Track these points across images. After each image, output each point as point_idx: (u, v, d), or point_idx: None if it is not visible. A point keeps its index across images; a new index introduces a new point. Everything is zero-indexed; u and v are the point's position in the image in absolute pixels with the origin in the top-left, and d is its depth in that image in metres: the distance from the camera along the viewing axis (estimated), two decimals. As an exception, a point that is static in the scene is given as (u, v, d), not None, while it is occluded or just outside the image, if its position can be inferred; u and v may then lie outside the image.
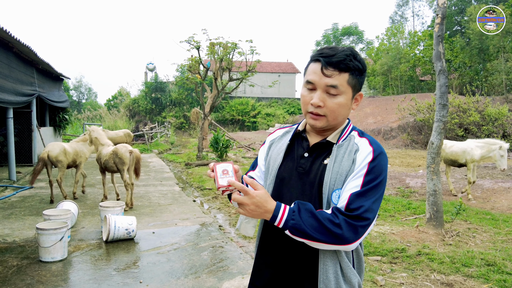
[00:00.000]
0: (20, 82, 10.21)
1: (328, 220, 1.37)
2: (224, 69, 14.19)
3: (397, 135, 20.64)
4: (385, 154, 1.52)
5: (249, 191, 1.39)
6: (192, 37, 12.96)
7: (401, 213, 6.98)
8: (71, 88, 51.04)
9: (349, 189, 1.44)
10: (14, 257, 4.66)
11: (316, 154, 1.59)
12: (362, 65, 1.52)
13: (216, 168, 1.49)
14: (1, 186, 8.63)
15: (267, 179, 1.68)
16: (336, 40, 39.04)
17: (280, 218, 1.40)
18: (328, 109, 1.50)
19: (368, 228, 1.42)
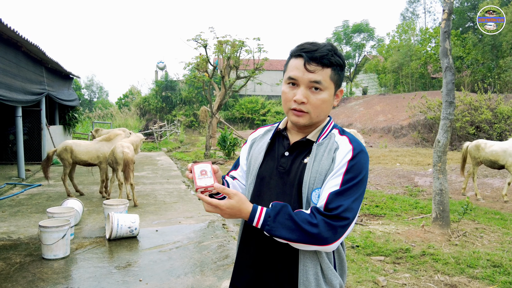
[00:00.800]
0: (29, 81, 10.31)
1: (305, 221, 1.34)
2: (231, 68, 14.17)
3: (408, 133, 20.40)
4: (366, 152, 1.48)
5: (219, 206, 1.38)
6: (199, 35, 12.97)
7: (407, 212, 6.88)
8: (82, 87, 51.51)
9: (328, 188, 1.40)
10: (18, 254, 4.70)
11: (297, 153, 1.56)
12: (342, 60, 1.49)
13: (194, 168, 1.46)
14: (10, 184, 8.74)
15: (248, 179, 1.65)
16: (346, 38, 38.68)
17: (256, 222, 1.40)
18: (312, 106, 1.47)
19: (348, 228, 1.38)
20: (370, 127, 22.61)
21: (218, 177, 1.56)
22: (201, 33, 13.15)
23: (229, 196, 1.39)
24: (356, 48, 38.88)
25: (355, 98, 32.01)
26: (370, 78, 36.64)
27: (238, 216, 1.41)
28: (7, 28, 8.03)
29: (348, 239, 5.27)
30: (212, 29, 13.56)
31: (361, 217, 6.60)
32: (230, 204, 1.38)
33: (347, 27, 38.44)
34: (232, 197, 1.39)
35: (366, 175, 1.46)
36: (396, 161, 13.42)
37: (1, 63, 8.33)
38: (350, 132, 10.39)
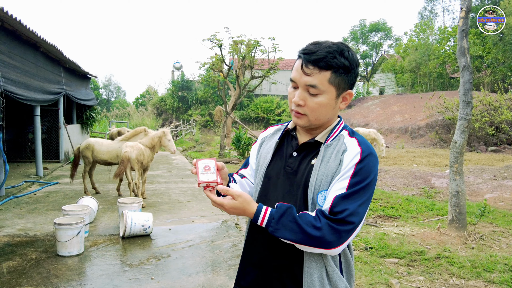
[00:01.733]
0: (47, 81, 10.50)
1: (309, 223, 1.32)
2: (246, 67, 14.16)
3: (425, 133, 20.09)
4: (375, 155, 1.44)
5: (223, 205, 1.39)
6: (214, 35, 13.01)
7: (423, 214, 6.77)
8: (100, 87, 52.26)
9: (334, 191, 1.37)
10: (34, 250, 4.78)
11: (305, 154, 1.53)
12: (350, 62, 1.42)
13: (198, 164, 1.45)
14: (28, 182, 8.91)
15: (256, 178, 1.64)
16: (363, 37, 38.29)
17: (260, 223, 1.39)
18: (309, 108, 1.44)
19: (353, 232, 1.35)
20: (387, 127, 22.33)
21: (224, 174, 1.56)
22: (216, 33, 13.18)
23: (233, 197, 1.39)
24: (373, 47, 38.47)
25: (372, 98, 31.67)
26: (387, 77, 36.21)
27: (242, 215, 1.42)
28: (26, 29, 8.19)
29: (361, 240, 5.21)
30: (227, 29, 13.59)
31: (376, 218, 6.51)
32: (234, 204, 1.39)
33: (364, 26, 38.05)
34: (236, 198, 1.39)
35: (375, 179, 1.42)
36: (413, 162, 13.22)
37: (20, 63, 8.50)
38: (369, 131, 10.27)
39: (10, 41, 8.06)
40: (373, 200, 7.69)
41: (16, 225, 5.81)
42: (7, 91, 7.37)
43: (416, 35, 31.98)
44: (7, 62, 7.70)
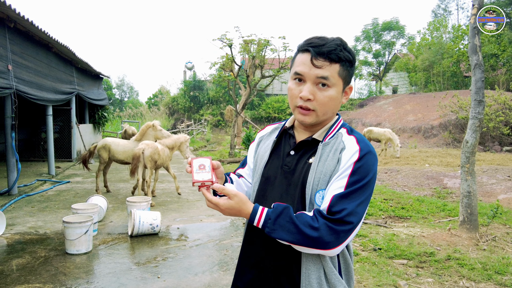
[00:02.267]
0: (59, 81, 10.63)
1: (307, 224, 1.29)
2: (256, 67, 14.14)
3: (438, 133, 19.81)
4: (374, 154, 1.41)
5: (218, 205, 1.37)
6: (224, 35, 13.01)
7: (434, 214, 6.66)
8: (113, 87, 52.79)
9: (332, 191, 1.34)
10: (43, 248, 4.83)
11: (302, 152, 1.51)
12: (352, 56, 1.42)
13: (193, 162, 1.43)
14: (40, 180, 9.03)
15: (254, 177, 1.62)
16: (376, 36, 37.90)
17: (256, 224, 1.37)
18: (318, 103, 1.41)
19: (351, 232, 1.32)
20: (400, 126, 22.09)
21: (220, 173, 1.54)
22: (227, 33, 13.21)
23: (229, 197, 1.36)
24: (386, 46, 38.06)
25: (385, 97, 31.37)
26: (401, 76, 35.83)
27: (238, 216, 1.39)
28: (38, 30, 8.30)
29: (370, 241, 5.15)
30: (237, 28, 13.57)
31: (386, 219, 6.44)
32: (230, 204, 1.36)
33: (376, 24, 37.66)
34: (232, 197, 1.36)
35: (374, 178, 1.39)
36: (425, 162, 13.05)
37: (33, 64, 8.61)
38: (384, 131, 10.15)
39: (23, 42, 8.18)
40: (383, 200, 7.60)
41: (27, 223, 5.89)
42: (19, 91, 7.48)
43: (429, 34, 31.59)
44: (19, 63, 7.80)
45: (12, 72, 7.27)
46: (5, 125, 7.48)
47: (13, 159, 7.46)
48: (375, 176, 1.40)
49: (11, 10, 6.89)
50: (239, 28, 14.34)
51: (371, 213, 6.66)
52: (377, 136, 14.66)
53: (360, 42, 39.17)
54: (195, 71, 37.49)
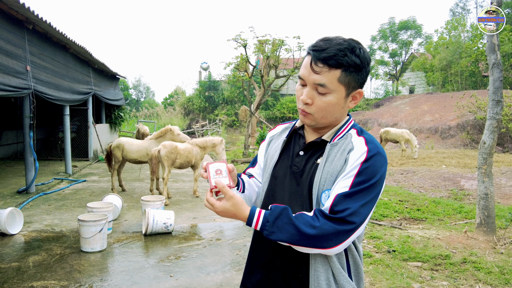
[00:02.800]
0: (77, 81, 10.80)
1: (307, 223, 1.29)
2: (271, 67, 14.12)
3: (456, 134, 19.46)
4: (383, 155, 1.38)
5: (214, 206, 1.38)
6: (239, 35, 13.03)
7: (450, 217, 6.55)
8: (130, 87, 53.36)
9: (336, 190, 1.33)
10: (59, 245, 4.91)
11: (311, 153, 1.50)
12: (361, 60, 1.36)
13: (209, 168, 1.43)
14: (57, 179, 9.19)
15: (264, 177, 1.61)
16: (392, 35, 37.46)
17: (255, 226, 1.37)
18: (316, 107, 1.40)
19: (353, 233, 1.30)
20: (416, 127, 21.77)
21: (234, 176, 1.54)
22: (241, 33, 13.20)
23: (226, 198, 1.36)
24: (403, 45, 37.57)
25: (401, 97, 30.97)
26: (418, 76, 35.33)
27: (234, 218, 1.39)
28: (56, 31, 8.45)
29: (384, 243, 5.09)
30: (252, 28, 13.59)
31: (401, 220, 6.36)
32: (224, 207, 1.36)
33: (393, 24, 37.23)
34: (228, 199, 1.36)
35: (381, 180, 1.36)
36: (442, 163, 12.84)
37: (50, 64, 8.77)
38: (402, 132, 10.03)
39: (41, 43, 8.34)
40: (398, 202, 7.51)
41: (44, 221, 6.00)
42: (37, 91, 7.63)
43: (447, 33, 31.08)
44: (37, 63, 7.96)
45: (30, 72, 7.42)
46: (23, 125, 7.63)
47: (31, 158, 7.61)
48: (383, 178, 1.38)
49: (29, 12, 7.03)
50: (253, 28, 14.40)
51: (386, 215, 6.59)
52: (394, 137, 14.45)
53: (376, 42, 38.77)
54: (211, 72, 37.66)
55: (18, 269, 4.16)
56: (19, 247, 4.86)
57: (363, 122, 26.81)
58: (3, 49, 6.51)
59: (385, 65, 38.73)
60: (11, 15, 6.95)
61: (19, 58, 7.11)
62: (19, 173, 9.67)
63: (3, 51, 6.51)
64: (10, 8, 6.77)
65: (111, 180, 8.20)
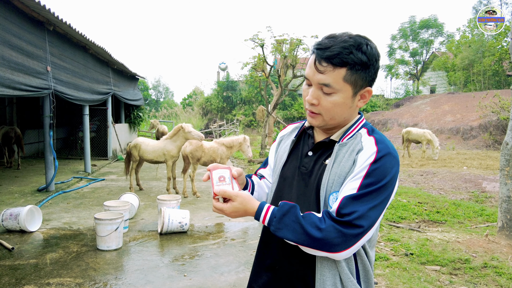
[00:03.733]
0: (96, 81, 10.97)
1: (313, 224, 1.24)
2: (288, 66, 14.06)
3: (478, 134, 19.00)
4: (394, 156, 1.32)
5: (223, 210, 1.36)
6: (256, 35, 13.02)
7: (471, 219, 6.38)
8: (150, 88, 53.98)
9: (344, 192, 1.28)
10: (76, 243, 4.98)
11: (320, 154, 1.45)
12: (368, 57, 1.29)
13: (213, 174, 1.40)
14: (76, 178, 9.35)
15: (273, 178, 1.59)
16: (413, 34, 36.87)
17: (262, 221, 1.34)
18: (322, 108, 1.35)
19: (361, 237, 1.24)
20: (437, 127, 21.37)
21: (241, 180, 1.51)
22: (258, 33, 13.18)
23: (232, 199, 1.34)
24: (424, 44, 36.93)
25: (422, 96, 30.45)
26: (439, 76, 34.67)
27: (245, 215, 1.36)
28: (76, 32, 8.59)
29: (402, 246, 4.98)
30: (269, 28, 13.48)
31: (419, 223, 6.22)
32: (233, 206, 1.34)
33: (413, 22, 36.62)
34: (234, 199, 1.34)
35: (392, 182, 1.30)
36: (463, 164, 12.54)
37: (70, 65, 8.92)
38: (424, 132, 9.83)
39: (61, 44, 8.49)
40: (417, 203, 7.35)
41: (62, 218, 6.10)
42: (57, 91, 7.77)
43: (469, 31, 30.38)
44: (58, 64, 8.10)
45: (50, 73, 7.56)
46: (43, 124, 7.78)
47: (50, 157, 7.76)
48: (395, 180, 1.31)
49: (50, 14, 7.16)
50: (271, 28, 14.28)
51: (404, 217, 6.46)
52: (416, 137, 14.20)
53: (396, 41, 38.24)
54: (229, 72, 37.79)
55: (35, 265, 4.23)
56: (37, 244, 4.95)
57: (382, 122, 26.46)
58: (24, 50, 6.65)
59: (405, 64, 38.15)
60: (33, 17, 7.10)
61: (40, 59, 7.25)
62: (40, 172, 9.87)
63: (24, 52, 6.65)
64: (31, 10, 6.91)
65: (129, 179, 8.30)
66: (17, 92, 6.29)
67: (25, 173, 9.85)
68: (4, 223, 5.33)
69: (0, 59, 5.87)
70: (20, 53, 6.49)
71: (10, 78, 6.06)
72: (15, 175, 9.59)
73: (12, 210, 5.42)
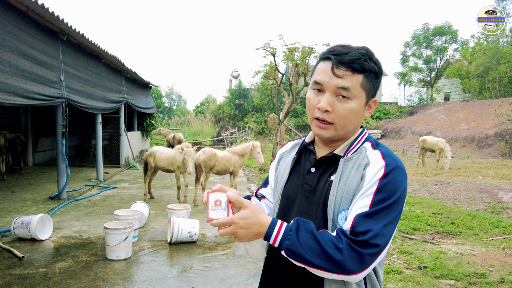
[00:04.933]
0: (109, 90, 11.07)
1: (331, 243, 1.17)
2: (300, 74, 14.03)
3: (494, 143, 18.65)
4: (402, 169, 1.28)
5: (232, 219, 1.22)
6: (268, 43, 13.03)
7: (487, 231, 6.21)
8: (163, 96, 54.45)
9: (355, 210, 1.22)
10: (85, 253, 4.98)
11: (323, 169, 1.40)
12: (378, 67, 1.31)
13: (209, 197, 1.31)
14: (88, 185, 9.40)
15: (274, 197, 1.53)
16: (427, 41, 36.56)
17: (275, 236, 1.22)
18: (337, 115, 1.31)
19: (377, 256, 1.19)
20: (452, 135, 21.05)
21: (239, 203, 1.37)
22: (270, 41, 13.19)
23: (243, 206, 1.24)
24: (437, 51, 36.57)
25: (436, 104, 30.10)
26: (453, 83, 34.25)
27: (255, 231, 1.23)
28: (89, 42, 8.70)
29: (415, 258, 4.87)
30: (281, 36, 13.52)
31: (433, 234, 6.08)
32: (245, 214, 1.23)
33: (427, 30, 36.32)
34: (245, 207, 1.24)
35: (403, 196, 1.26)
36: (478, 173, 12.29)
37: (84, 74, 9.02)
38: (438, 141, 9.68)
39: (75, 53, 8.60)
40: (431, 214, 7.20)
41: (72, 227, 6.12)
42: (70, 100, 7.85)
43: (484, 38, 29.98)
44: (71, 73, 8.20)
45: (63, 82, 7.65)
46: (56, 132, 7.86)
47: (63, 165, 7.82)
48: (405, 194, 1.27)
49: (64, 24, 7.26)
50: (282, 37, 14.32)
51: (418, 228, 6.32)
52: (430, 146, 14.01)
53: (410, 48, 37.97)
54: (241, 80, 37.97)
55: (45, 275, 4.23)
56: (47, 253, 4.96)
57: (396, 130, 26.19)
58: (38, 60, 6.75)
59: (419, 71, 37.83)
60: (47, 27, 7.20)
61: (53, 68, 7.34)
62: (53, 179, 9.96)
63: (38, 61, 6.75)
64: (46, 20, 7.02)
65: (144, 186, 8.40)
66: (30, 101, 6.37)
67: (38, 181, 9.95)
68: (16, 231, 5.37)
69: (15, 69, 5.95)
70: (34, 63, 6.58)
71: (24, 88, 6.14)
72: (28, 182, 9.70)
73: (23, 218, 5.46)
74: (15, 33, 6.09)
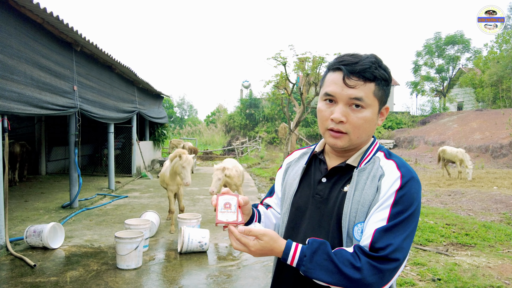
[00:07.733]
0: (121, 100, 11.20)
1: (347, 262, 1.16)
2: (311, 84, 14.03)
3: (508, 153, 18.34)
4: (417, 180, 1.26)
5: (249, 248, 1.24)
6: (278, 53, 13.08)
7: (503, 243, 6.07)
8: (175, 105, 54.88)
9: (373, 223, 1.21)
10: (96, 262, 4.99)
11: (335, 180, 1.38)
12: (387, 74, 1.31)
13: (219, 200, 1.32)
14: (100, 195, 9.47)
15: (283, 207, 1.51)
16: (439, 50, 36.36)
17: (290, 262, 1.23)
18: (352, 125, 1.29)
19: (397, 271, 1.18)
20: (465, 145, 20.76)
21: (247, 210, 1.41)
22: (281, 51, 13.24)
23: (258, 237, 1.24)
24: (450, 61, 36.32)
25: (449, 113, 29.79)
26: (466, 92, 33.91)
27: (269, 255, 1.27)
28: (102, 53, 8.83)
29: (428, 270, 4.77)
30: (291, 46, 13.55)
31: (447, 246, 5.97)
32: (260, 245, 1.24)
33: (439, 39, 36.15)
34: (261, 237, 1.24)
35: (419, 207, 1.24)
36: (493, 184, 12.08)
37: (96, 84, 9.15)
38: (457, 151, 9.51)
39: (88, 64, 8.73)
40: (445, 225, 7.08)
41: (84, 236, 6.15)
42: (83, 109, 7.95)
43: (498, 47, 29.70)
44: (84, 83, 8.32)
45: (77, 92, 7.76)
46: (69, 142, 7.96)
47: (75, 174, 7.89)
48: (420, 206, 1.26)
49: (78, 35, 7.38)
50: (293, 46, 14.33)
51: (431, 239, 6.21)
52: (449, 157, 13.67)
53: (421, 57, 37.77)
54: (252, 90, 38.12)
55: (56, 283, 4.25)
56: (58, 261, 4.99)
57: (408, 140, 25.95)
58: (52, 70, 6.86)
59: (431, 81, 37.58)
60: (61, 38, 7.33)
61: (67, 79, 7.46)
62: (65, 188, 10.05)
63: (52, 72, 6.86)
64: (60, 32, 7.15)
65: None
66: (44, 111, 6.46)
67: (50, 190, 10.05)
68: (28, 240, 5.41)
69: (29, 80, 6.06)
70: (48, 73, 6.69)
71: (38, 98, 6.24)
72: (41, 191, 9.80)
73: (35, 227, 5.51)
74: (30, 44, 6.21)
